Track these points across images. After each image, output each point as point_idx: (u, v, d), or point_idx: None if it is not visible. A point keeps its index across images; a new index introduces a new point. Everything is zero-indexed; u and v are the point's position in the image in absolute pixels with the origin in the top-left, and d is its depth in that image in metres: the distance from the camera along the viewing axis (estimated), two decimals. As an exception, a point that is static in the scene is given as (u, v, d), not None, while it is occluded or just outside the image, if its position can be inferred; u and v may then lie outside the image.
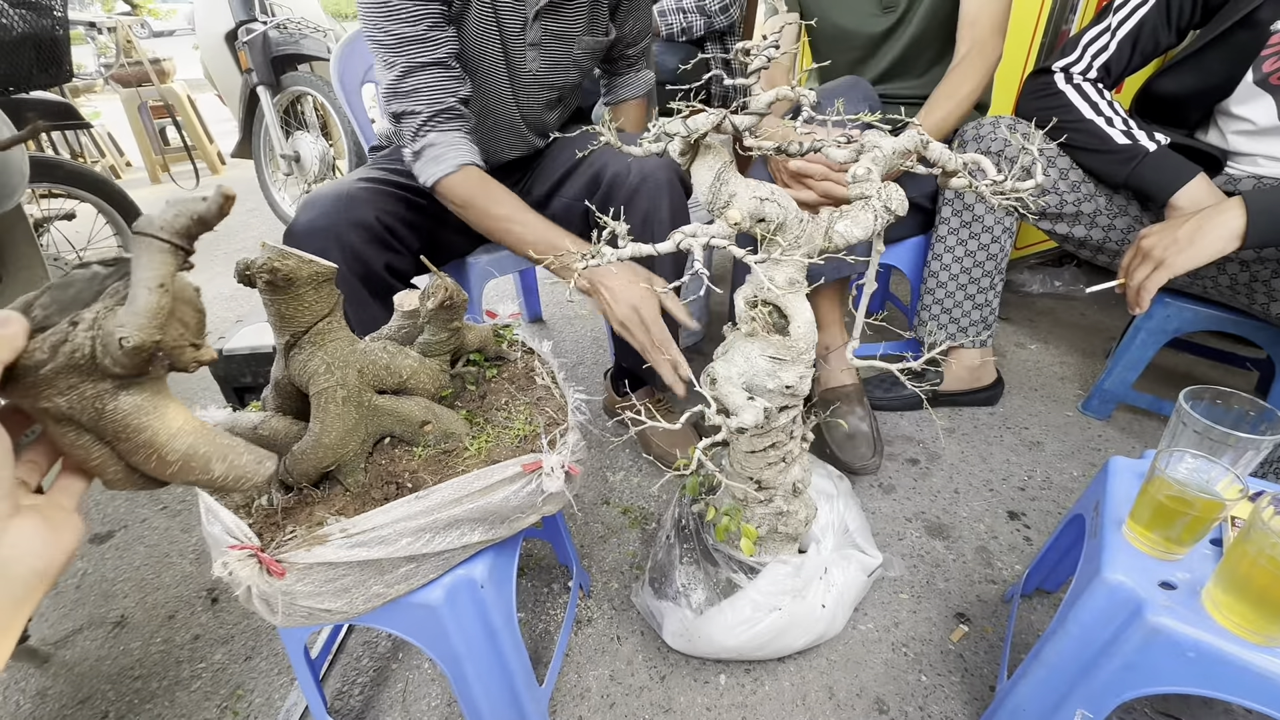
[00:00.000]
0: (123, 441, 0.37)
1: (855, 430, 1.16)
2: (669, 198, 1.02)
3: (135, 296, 0.35)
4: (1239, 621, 0.53)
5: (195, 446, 0.39)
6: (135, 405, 0.36)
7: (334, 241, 0.94)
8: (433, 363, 0.64)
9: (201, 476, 0.40)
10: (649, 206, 1.01)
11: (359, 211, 0.96)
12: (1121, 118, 1.03)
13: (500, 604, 0.67)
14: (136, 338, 0.34)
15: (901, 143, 0.65)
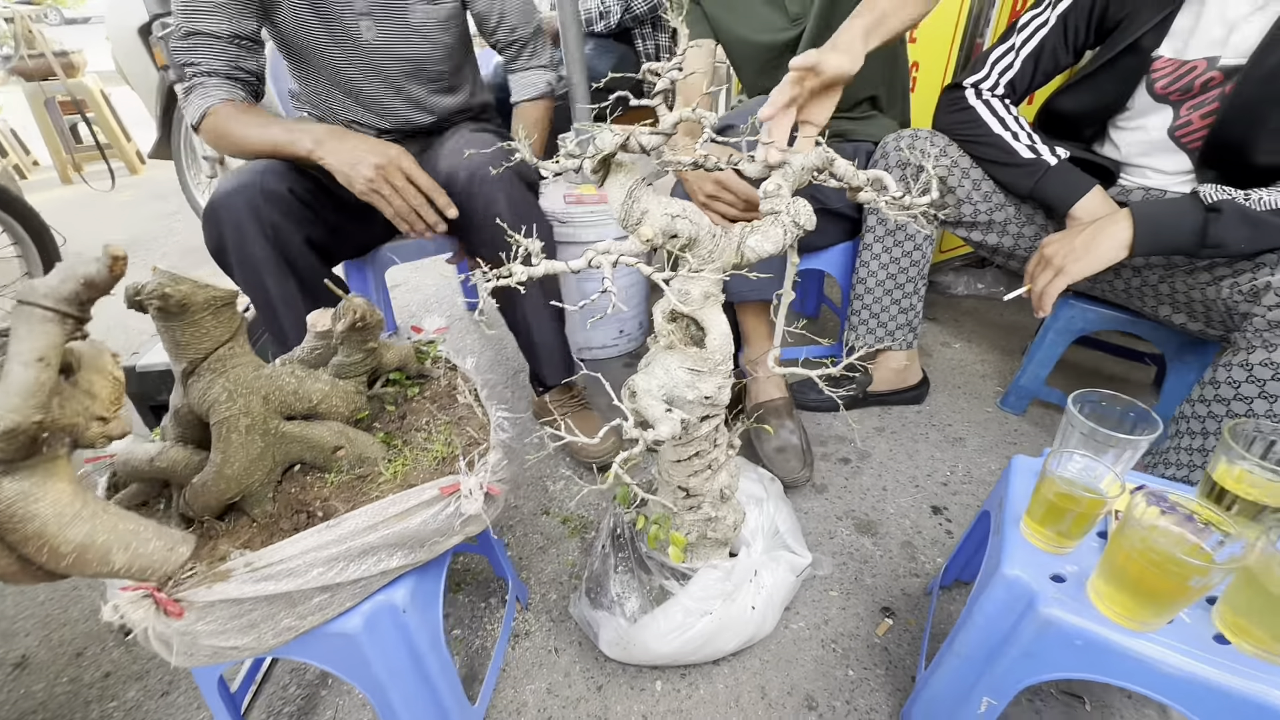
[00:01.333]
0: (9, 533, 0.34)
1: (785, 444, 1.19)
2: (505, 194, 1.04)
3: (9, 373, 0.32)
4: (1118, 610, 0.57)
5: (93, 535, 0.36)
6: (19, 492, 0.34)
7: (250, 212, 0.96)
8: (347, 385, 0.63)
9: (100, 569, 0.37)
10: (484, 205, 1.04)
11: (274, 182, 0.99)
12: (1026, 132, 1.09)
13: (425, 627, 0.66)
14: (9, 420, 0.31)
15: (810, 160, 0.68)
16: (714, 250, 0.64)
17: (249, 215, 0.94)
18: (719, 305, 0.68)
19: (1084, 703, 0.83)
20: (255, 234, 0.94)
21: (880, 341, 1.31)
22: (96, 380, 0.35)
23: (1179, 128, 1.01)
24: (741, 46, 1.28)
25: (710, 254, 0.64)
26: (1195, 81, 0.96)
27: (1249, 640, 0.54)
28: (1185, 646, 0.55)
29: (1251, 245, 0.81)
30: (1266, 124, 0.89)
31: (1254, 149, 0.91)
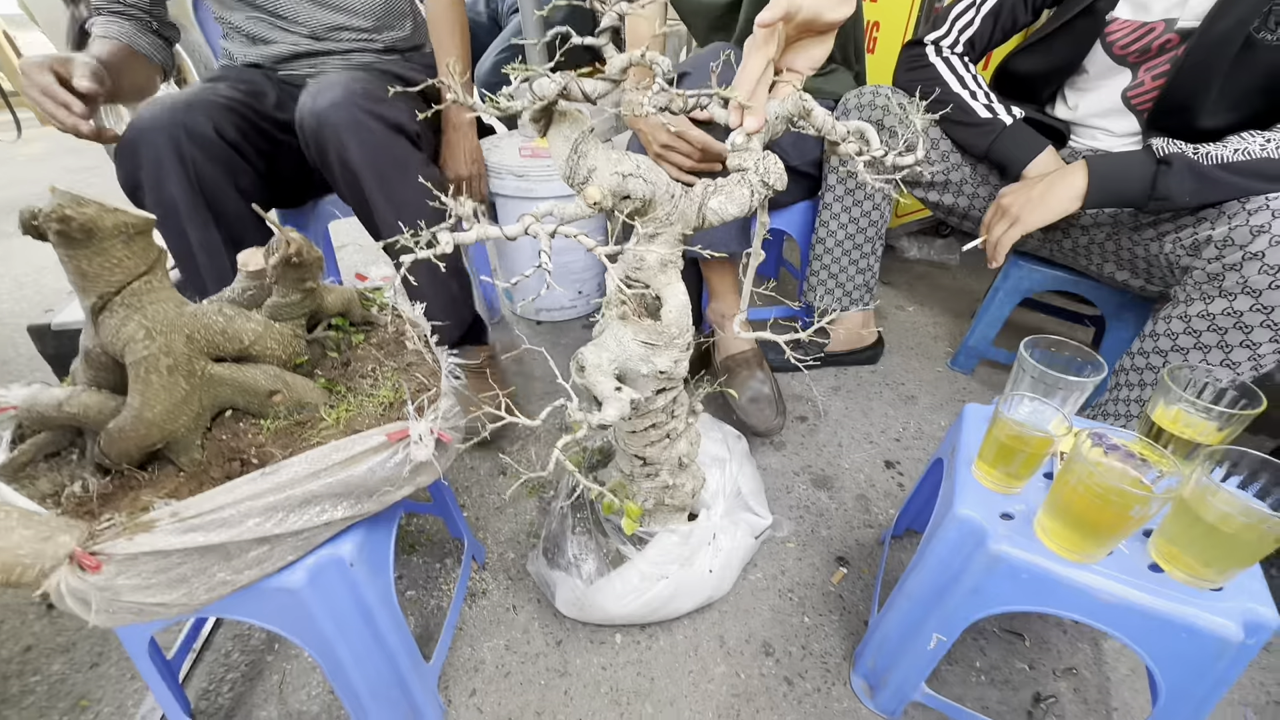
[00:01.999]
0: None
1: (758, 394, 1.19)
2: (357, 140, 0.93)
3: None
4: (1062, 544, 0.59)
5: None
6: None
7: (171, 149, 0.88)
8: (284, 327, 0.58)
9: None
10: (335, 153, 0.94)
11: (200, 121, 0.90)
12: (984, 91, 1.09)
13: (375, 582, 0.63)
14: None
15: (785, 108, 0.64)
16: (672, 213, 0.60)
17: (170, 153, 0.85)
18: (678, 274, 0.64)
19: (1024, 639, 0.87)
20: (176, 174, 0.86)
21: (838, 303, 1.32)
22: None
23: (1133, 89, 1.03)
24: (688, 3, 1.24)
25: (668, 217, 0.60)
26: (1154, 43, 0.98)
27: (1180, 567, 0.57)
28: (1123, 575, 0.57)
29: (1196, 198, 0.84)
30: (1211, 88, 0.91)
31: (1199, 112, 0.93)
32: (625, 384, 0.61)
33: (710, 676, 0.82)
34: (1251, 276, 0.78)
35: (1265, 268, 0.76)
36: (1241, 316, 0.80)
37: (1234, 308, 0.80)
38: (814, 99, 0.65)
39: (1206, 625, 0.54)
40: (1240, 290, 0.79)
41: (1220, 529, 0.52)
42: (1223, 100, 0.91)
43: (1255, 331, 0.79)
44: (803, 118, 0.62)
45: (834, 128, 0.62)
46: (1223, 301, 0.81)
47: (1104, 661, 0.85)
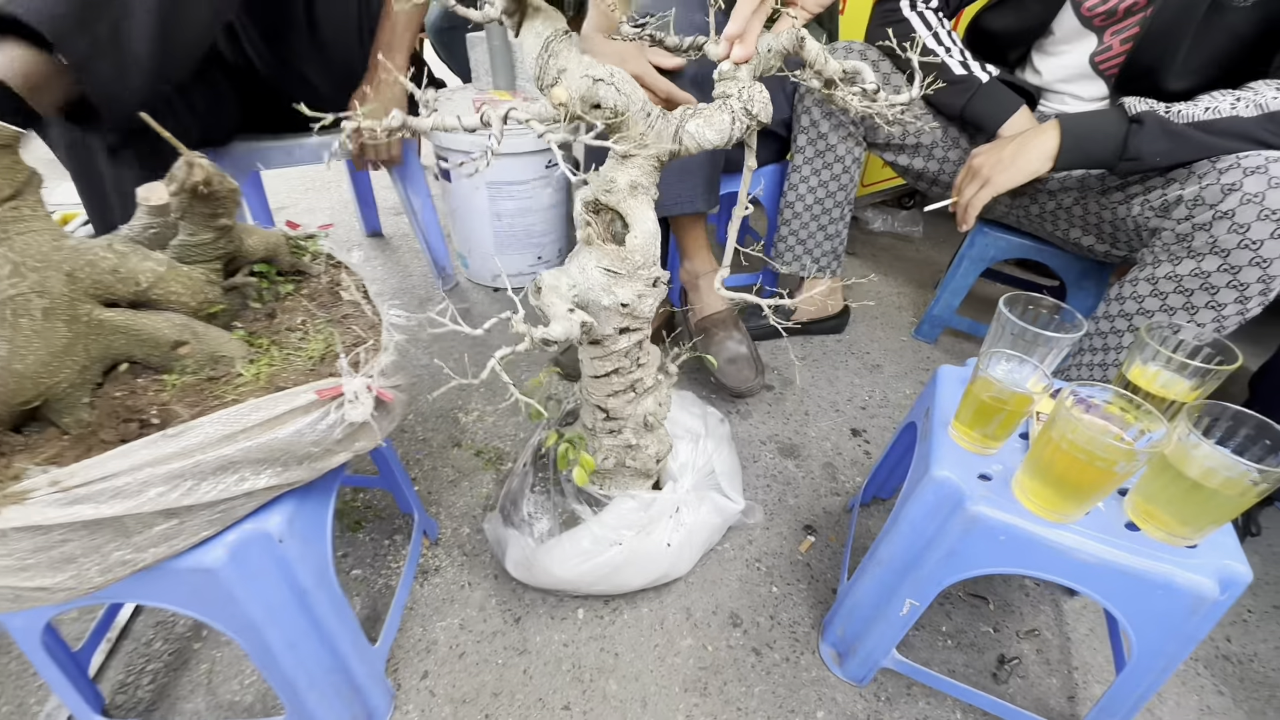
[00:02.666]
0: None
1: (735, 354, 1.14)
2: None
3: None
4: (1041, 504, 0.57)
5: None
6: None
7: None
8: (193, 270, 0.50)
9: None
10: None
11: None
12: (959, 48, 1.07)
13: (309, 558, 0.57)
14: None
15: (779, 41, 0.60)
16: (647, 133, 0.56)
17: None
18: (649, 200, 0.60)
19: (988, 603, 0.87)
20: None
21: (805, 268, 1.29)
22: None
23: (1100, 53, 1.01)
24: None
25: (643, 137, 0.56)
26: (1121, 5, 0.96)
27: (1157, 524, 0.56)
28: (1101, 535, 0.56)
29: (1167, 158, 0.83)
30: (1179, 51, 0.90)
31: (1166, 75, 0.92)
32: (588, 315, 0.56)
33: (676, 650, 0.79)
34: (1221, 236, 0.77)
35: (1235, 226, 0.76)
36: (1209, 277, 0.80)
37: (1201, 268, 0.80)
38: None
39: (1183, 581, 0.53)
40: (1209, 250, 0.79)
41: (1202, 485, 0.51)
42: (1190, 63, 0.90)
43: (1221, 292, 0.79)
44: (797, 50, 0.57)
45: (828, 63, 0.58)
46: (1190, 262, 0.81)
47: (1065, 622, 0.86)
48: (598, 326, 0.60)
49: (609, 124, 0.52)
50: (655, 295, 0.61)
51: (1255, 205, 0.74)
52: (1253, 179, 0.74)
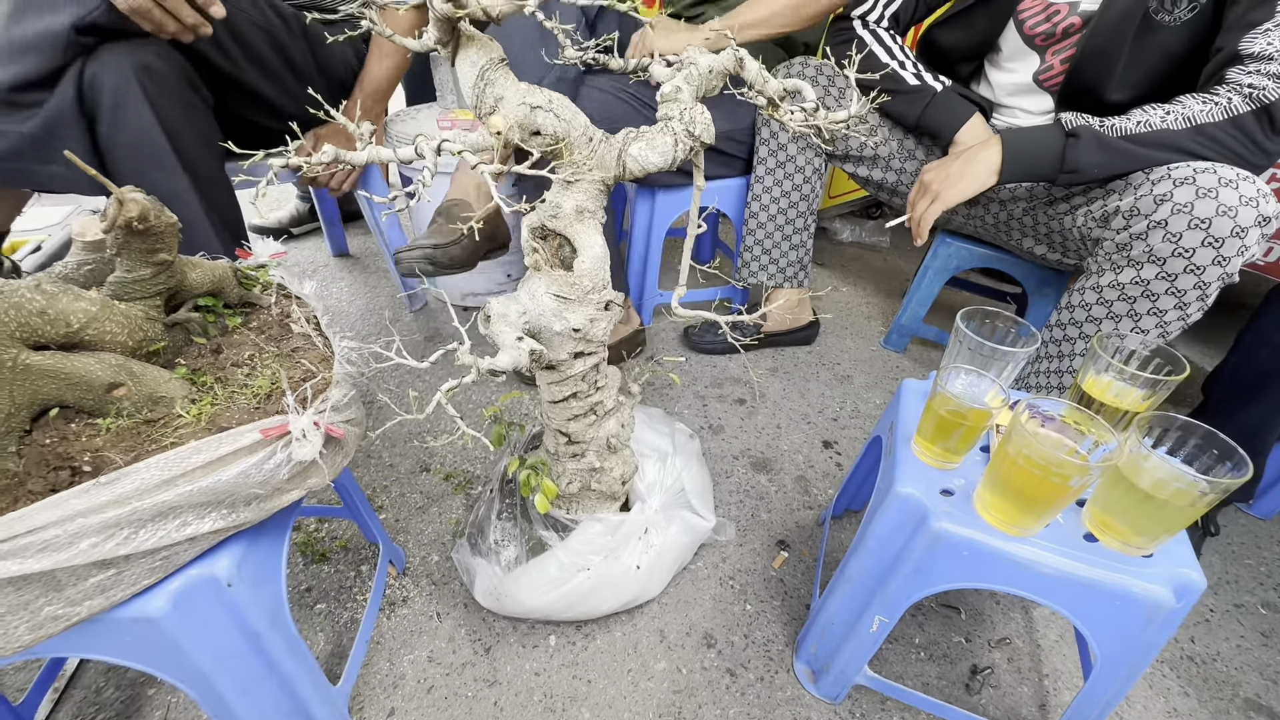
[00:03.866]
0: None
1: None
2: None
3: None
4: (1002, 518, 0.58)
5: None
6: None
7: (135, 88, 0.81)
8: (130, 308, 0.49)
9: None
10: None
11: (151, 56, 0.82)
12: (912, 61, 1.09)
13: (261, 601, 0.55)
14: None
15: (719, 61, 0.60)
16: (590, 157, 0.56)
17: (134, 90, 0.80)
18: (595, 223, 0.60)
19: (960, 613, 0.87)
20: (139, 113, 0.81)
21: (772, 279, 1.30)
22: None
23: (1043, 72, 1.05)
24: None
25: (585, 162, 0.55)
26: (1058, 26, 0.99)
27: (1114, 535, 0.56)
28: (1060, 547, 0.56)
29: (1103, 170, 0.85)
30: (1115, 65, 0.93)
31: (1105, 90, 0.95)
32: (540, 342, 0.56)
33: (650, 674, 0.78)
34: (1156, 245, 0.79)
35: (1168, 235, 0.78)
36: (1149, 285, 0.82)
37: (1141, 276, 0.82)
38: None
39: (1139, 592, 0.54)
40: (1146, 259, 0.81)
41: (1154, 496, 0.51)
42: (1126, 78, 0.93)
43: (1161, 299, 0.82)
44: (736, 70, 0.57)
45: (766, 83, 0.58)
46: (1131, 271, 0.83)
47: (1035, 630, 0.86)
48: (551, 352, 0.59)
49: (549, 150, 0.52)
50: (608, 318, 0.60)
51: (1185, 215, 0.76)
52: (1182, 189, 0.77)
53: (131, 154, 0.82)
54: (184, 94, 0.86)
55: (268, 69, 1.06)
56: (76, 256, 0.51)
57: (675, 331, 1.45)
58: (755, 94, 0.62)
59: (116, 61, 0.78)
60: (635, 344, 1.30)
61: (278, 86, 1.08)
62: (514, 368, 0.48)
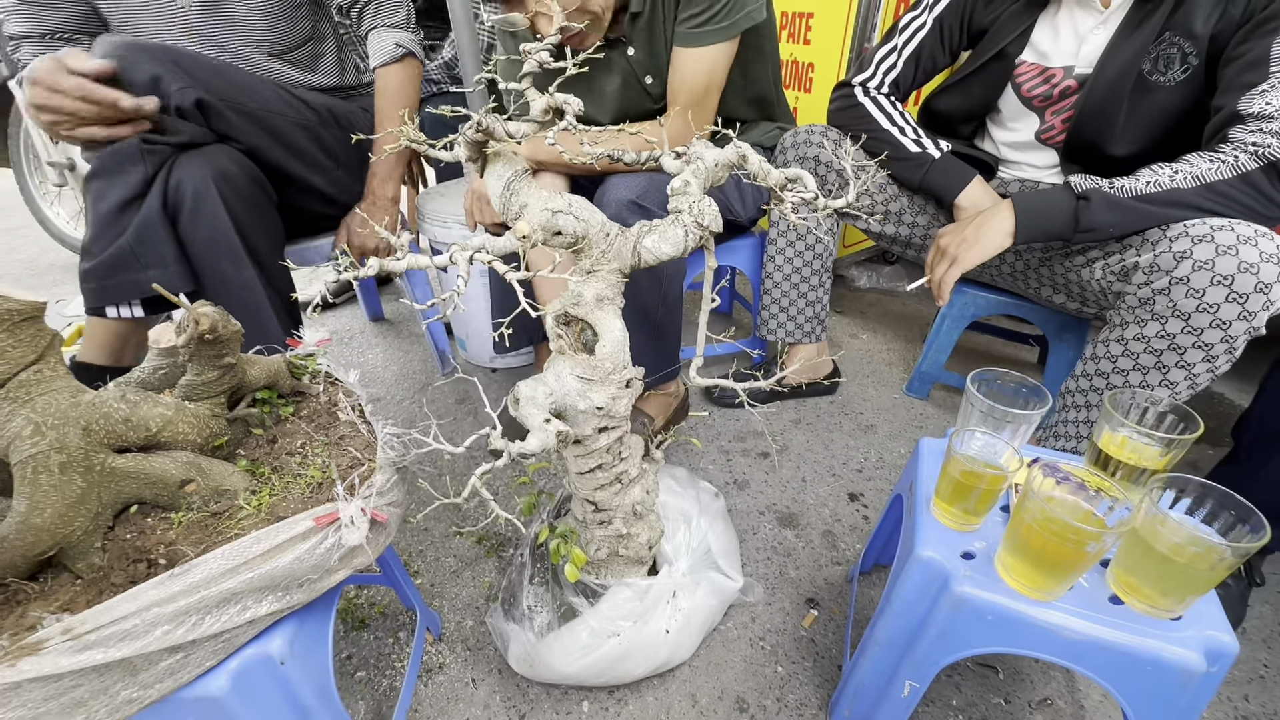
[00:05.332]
0: None
1: None
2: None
3: None
4: (1024, 581, 0.58)
5: None
6: None
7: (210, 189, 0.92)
8: (199, 408, 0.54)
9: None
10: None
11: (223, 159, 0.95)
12: (912, 127, 1.13)
13: (310, 677, 0.58)
14: None
15: (724, 155, 0.66)
16: (608, 250, 0.61)
17: (209, 191, 0.92)
18: (615, 309, 0.64)
19: (998, 672, 0.86)
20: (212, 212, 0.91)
21: (790, 335, 1.33)
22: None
23: (1044, 131, 1.08)
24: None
25: (604, 254, 0.61)
26: (1055, 89, 1.04)
27: (1139, 598, 0.56)
28: (1085, 611, 0.56)
29: (1118, 229, 0.87)
30: (1115, 123, 0.96)
31: (1108, 144, 0.98)
32: (565, 421, 0.60)
33: (683, 741, 0.78)
34: (1180, 300, 0.80)
35: (1191, 291, 0.79)
36: (1174, 339, 0.82)
37: (1166, 330, 0.83)
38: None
39: (1170, 657, 0.54)
40: (1171, 314, 0.82)
41: (1173, 559, 0.52)
42: (1127, 134, 0.96)
43: (1189, 352, 0.82)
44: (740, 166, 0.62)
45: (768, 174, 0.63)
46: (1155, 325, 0.84)
47: (1077, 689, 0.84)
48: (576, 429, 0.63)
49: (570, 248, 0.57)
50: (628, 395, 0.64)
51: (1207, 271, 0.78)
52: (1201, 246, 0.78)
53: (209, 248, 0.91)
54: (253, 194, 0.96)
55: (311, 160, 1.16)
56: (152, 362, 0.57)
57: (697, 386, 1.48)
58: (759, 181, 0.67)
59: (196, 168, 0.89)
60: (683, 413, 1.32)
61: (323, 175, 1.18)
62: (542, 450, 0.52)
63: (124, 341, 1.03)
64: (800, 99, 1.72)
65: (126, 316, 0.93)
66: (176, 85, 0.90)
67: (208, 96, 0.94)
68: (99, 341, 1.00)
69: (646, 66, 1.07)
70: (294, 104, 1.13)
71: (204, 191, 0.89)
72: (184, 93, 0.91)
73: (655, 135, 1.02)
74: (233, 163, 0.94)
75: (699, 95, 1.04)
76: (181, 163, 0.90)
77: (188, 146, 0.92)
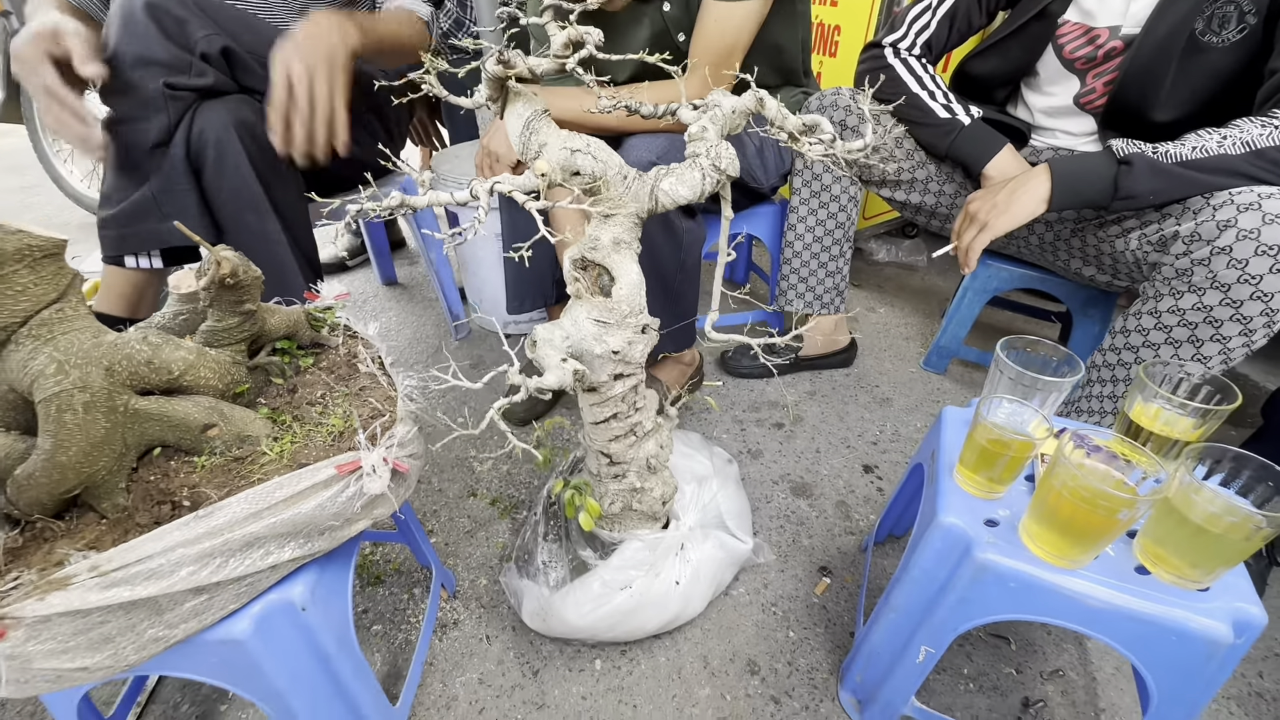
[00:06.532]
0: None
1: None
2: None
3: None
4: (1048, 549, 0.58)
5: None
6: None
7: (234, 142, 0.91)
8: (220, 354, 0.54)
9: None
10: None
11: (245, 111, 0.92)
12: (942, 91, 1.10)
13: (330, 625, 0.58)
14: None
15: (741, 102, 0.64)
16: (625, 193, 0.59)
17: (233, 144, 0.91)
18: (631, 254, 0.63)
19: (1009, 643, 0.86)
20: (237, 165, 0.90)
21: (809, 306, 1.31)
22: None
23: (1083, 95, 1.04)
24: None
25: (621, 198, 0.59)
26: (1099, 50, 0.99)
27: (1167, 568, 0.56)
28: (1110, 580, 0.56)
29: (1159, 196, 0.84)
30: (1160, 87, 0.92)
31: (1151, 109, 0.94)
32: (582, 364, 0.60)
33: (694, 700, 0.79)
34: (1220, 271, 0.78)
35: (1233, 262, 0.77)
36: (1211, 311, 0.80)
37: (1204, 302, 0.81)
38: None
39: (1197, 627, 0.53)
40: (1209, 285, 0.79)
41: (1207, 529, 0.51)
42: (1172, 99, 0.92)
43: (1225, 325, 0.80)
44: (758, 109, 0.61)
45: (786, 120, 0.61)
46: (1192, 296, 0.82)
47: (1089, 662, 0.84)
48: (592, 374, 0.63)
49: (587, 188, 0.56)
50: (645, 341, 0.63)
51: (1252, 241, 0.75)
52: (1247, 215, 0.75)
53: (232, 199, 0.91)
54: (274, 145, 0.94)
55: None
56: (173, 307, 0.56)
57: (711, 355, 1.47)
58: (776, 130, 0.65)
59: (218, 117, 0.88)
60: (698, 382, 1.32)
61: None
62: (559, 387, 0.52)
63: (141, 293, 1.02)
64: (824, 64, 1.67)
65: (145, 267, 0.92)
66: (203, 32, 0.88)
67: (234, 46, 0.92)
68: (116, 291, 1.00)
69: (682, 23, 1.03)
70: None
71: (226, 141, 0.88)
72: (210, 40, 0.89)
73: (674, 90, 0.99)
74: (254, 113, 0.92)
75: (722, 54, 1.01)
76: (203, 111, 0.88)
77: (210, 94, 0.90)
